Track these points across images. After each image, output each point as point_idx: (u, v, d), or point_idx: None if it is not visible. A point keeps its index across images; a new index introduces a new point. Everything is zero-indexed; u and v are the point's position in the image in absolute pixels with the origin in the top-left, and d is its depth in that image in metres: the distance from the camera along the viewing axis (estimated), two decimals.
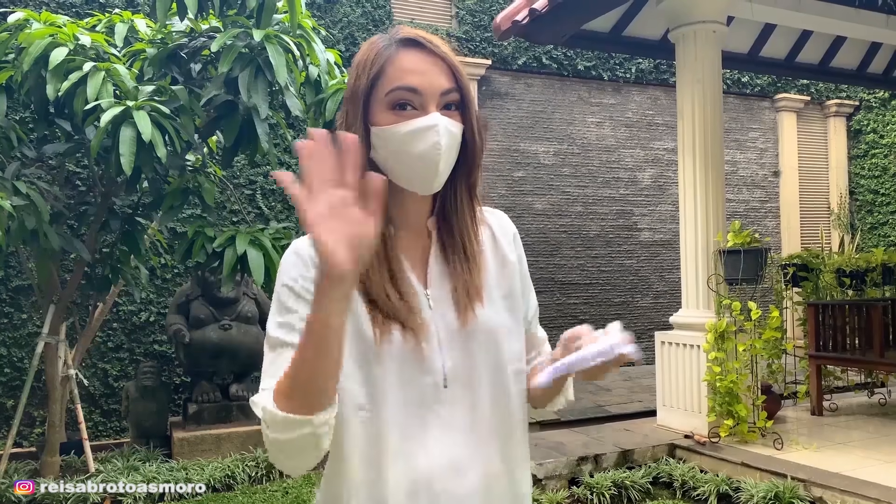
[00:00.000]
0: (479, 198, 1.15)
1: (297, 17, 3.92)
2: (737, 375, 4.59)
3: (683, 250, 5.09)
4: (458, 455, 1.06)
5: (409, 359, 1.05)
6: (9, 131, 4.24)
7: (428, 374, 1.06)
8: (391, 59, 1.04)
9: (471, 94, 1.09)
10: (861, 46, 7.10)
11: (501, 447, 1.10)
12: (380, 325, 1.04)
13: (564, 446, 4.71)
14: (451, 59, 1.06)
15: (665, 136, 8.73)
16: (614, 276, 8.42)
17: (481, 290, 1.11)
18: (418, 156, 1.02)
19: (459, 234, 1.11)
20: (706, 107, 5.00)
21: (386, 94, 1.04)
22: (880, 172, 9.52)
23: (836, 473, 4.00)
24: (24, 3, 5.84)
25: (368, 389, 1.03)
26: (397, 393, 1.04)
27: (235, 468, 4.69)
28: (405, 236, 1.11)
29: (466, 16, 7.75)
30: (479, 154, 1.11)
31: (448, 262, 1.11)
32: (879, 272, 6.21)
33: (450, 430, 1.06)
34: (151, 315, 6.17)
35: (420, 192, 1.07)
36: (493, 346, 1.10)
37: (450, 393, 1.06)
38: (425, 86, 1.03)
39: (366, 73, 1.05)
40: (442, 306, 1.09)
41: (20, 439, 5.49)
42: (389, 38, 1.08)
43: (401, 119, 1.03)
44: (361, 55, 1.08)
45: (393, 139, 1.03)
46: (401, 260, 1.09)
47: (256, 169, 6.57)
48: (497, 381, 1.10)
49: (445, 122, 1.03)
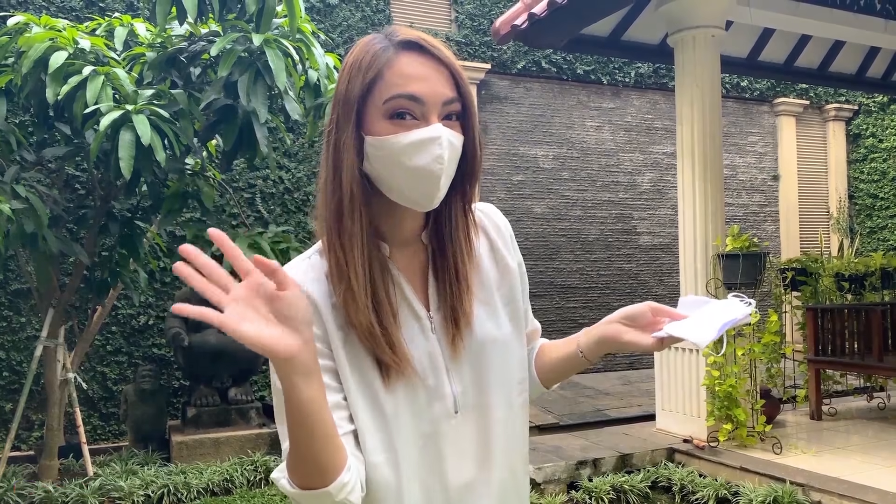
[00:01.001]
0: (474, 213, 1.08)
1: (297, 21, 3.92)
2: (736, 380, 4.59)
3: (682, 254, 5.10)
4: (472, 478, 1.03)
5: (417, 389, 1.00)
6: (8, 135, 4.25)
7: (438, 401, 1.01)
8: (390, 63, 0.95)
9: (474, 103, 1.01)
10: (860, 51, 7.11)
11: (509, 459, 1.08)
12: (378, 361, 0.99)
13: (563, 450, 4.71)
14: (454, 65, 0.98)
15: (664, 140, 8.74)
16: (613, 280, 8.42)
17: (471, 315, 1.04)
18: (418, 169, 0.94)
19: (452, 253, 1.04)
20: (705, 111, 5.01)
21: (384, 102, 0.94)
22: (879, 176, 9.53)
23: (834, 478, 4.00)
24: (25, 6, 5.85)
25: (383, 435, 0.98)
26: (410, 429, 0.99)
27: (234, 472, 4.68)
28: (402, 253, 1.05)
29: (466, 20, 7.77)
30: (479, 168, 1.04)
31: (438, 284, 1.05)
32: (878, 276, 6.21)
33: (463, 454, 1.03)
34: (150, 318, 6.16)
35: (418, 207, 0.99)
36: (499, 361, 1.07)
37: (461, 417, 1.03)
38: (427, 94, 0.94)
39: (360, 76, 0.96)
40: (444, 328, 1.04)
41: (18, 442, 5.48)
42: (387, 38, 0.98)
43: (400, 129, 0.94)
44: (355, 56, 0.98)
45: (391, 151, 0.94)
46: (398, 283, 1.03)
47: (255, 172, 6.57)
48: (502, 395, 1.07)
49: (448, 134, 0.95)
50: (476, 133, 1.01)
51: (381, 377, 0.98)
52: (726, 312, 1.03)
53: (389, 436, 0.98)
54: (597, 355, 1.11)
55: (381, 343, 0.96)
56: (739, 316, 1.01)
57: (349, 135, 0.96)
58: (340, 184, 0.97)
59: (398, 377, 0.98)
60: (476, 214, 1.10)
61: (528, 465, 1.18)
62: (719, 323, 1.00)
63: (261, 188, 6.65)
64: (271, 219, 6.61)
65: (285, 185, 6.73)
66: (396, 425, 0.98)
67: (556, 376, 1.19)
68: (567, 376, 1.19)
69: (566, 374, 1.18)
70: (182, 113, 3.91)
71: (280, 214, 6.69)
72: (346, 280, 0.96)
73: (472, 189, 1.05)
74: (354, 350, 0.98)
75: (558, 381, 1.21)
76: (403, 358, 0.98)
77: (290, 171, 6.77)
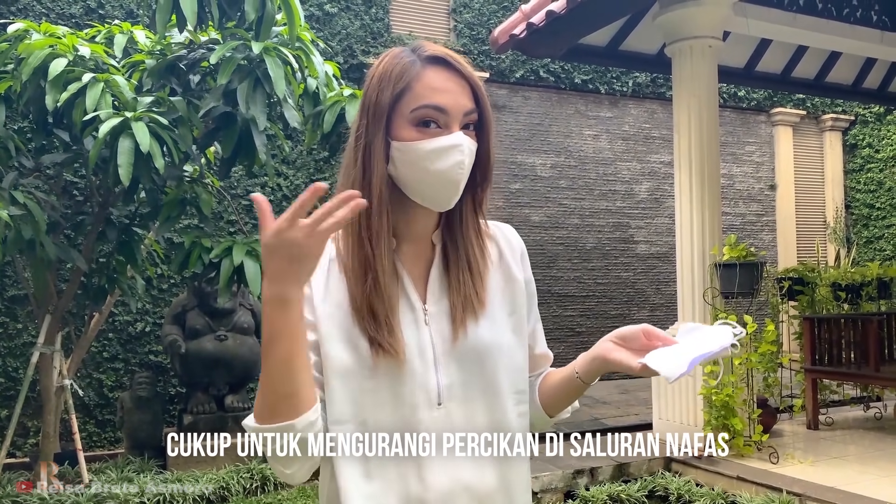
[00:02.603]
0: (484, 213, 1.16)
1: (296, 29, 3.93)
2: (733, 389, 4.59)
3: (680, 263, 5.11)
4: (451, 476, 1.05)
5: (403, 375, 1.05)
6: (7, 141, 4.24)
7: (421, 390, 1.05)
8: (419, 76, 1.05)
9: (490, 115, 1.10)
10: (856, 62, 7.15)
11: (498, 467, 1.08)
12: (370, 339, 1.05)
13: (560, 459, 4.70)
14: (475, 79, 1.08)
15: (661, 149, 8.76)
16: (611, 289, 8.43)
17: (484, 304, 1.11)
18: (440, 173, 1.03)
19: (465, 248, 1.12)
20: (703, 120, 5.03)
21: (412, 111, 1.04)
22: (876, 187, 9.56)
23: (831, 488, 4.00)
24: (25, 13, 5.87)
25: (355, 408, 1.03)
26: (389, 410, 1.04)
27: (230, 479, 4.66)
28: (409, 249, 1.12)
29: (465, 29, 7.80)
30: (491, 173, 1.12)
31: (450, 276, 1.11)
32: (875, 286, 6.23)
33: (443, 448, 1.05)
34: (147, 325, 6.15)
35: (436, 208, 1.08)
36: (491, 365, 1.09)
37: (444, 410, 1.06)
38: (452, 105, 1.04)
39: (391, 86, 1.05)
40: (440, 322, 1.09)
41: (14, 449, 5.46)
42: (414, 53, 1.07)
43: (424, 136, 1.04)
44: (385, 67, 1.07)
45: (416, 155, 1.04)
46: (399, 275, 1.09)
47: (254, 180, 6.58)
48: (494, 401, 1.09)
49: (468, 142, 1.05)
50: (491, 141, 1.10)
51: (371, 355, 1.03)
52: (712, 341, 1.03)
53: (363, 408, 1.03)
54: (592, 375, 1.12)
55: (381, 327, 1.03)
56: (716, 349, 1.01)
57: (379, 140, 1.05)
58: (370, 185, 1.05)
59: (386, 358, 1.03)
60: (491, 228, 1.19)
61: (530, 484, 1.18)
62: (692, 356, 1.00)
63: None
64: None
65: (283, 192, 6.73)
66: (374, 404, 1.03)
67: (556, 402, 1.20)
68: (568, 402, 1.20)
69: (566, 400, 1.19)
70: (181, 120, 3.91)
71: None
72: (374, 272, 1.05)
73: (484, 192, 1.14)
74: (347, 333, 1.05)
75: (560, 409, 1.21)
76: (397, 341, 1.04)
77: (288, 178, 6.78)
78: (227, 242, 4.09)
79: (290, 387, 0.95)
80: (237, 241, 4.10)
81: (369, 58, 7.19)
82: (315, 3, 7.04)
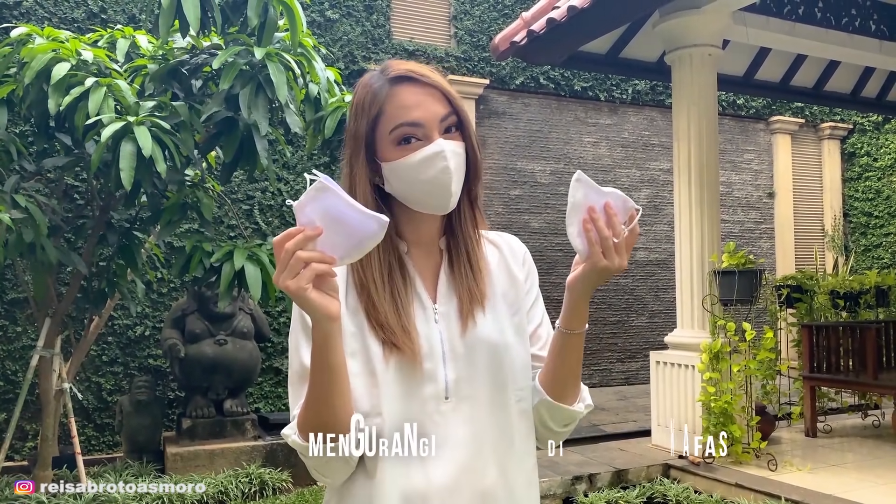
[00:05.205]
0: (481, 209, 1.21)
1: (298, 35, 3.95)
2: (731, 396, 4.60)
3: (678, 270, 5.12)
4: (455, 470, 1.07)
5: (413, 371, 1.09)
6: (9, 144, 4.26)
7: (430, 384, 1.09)
8: (389, 98, 1.10)
9: (466, 114, 1.15)
10: (855, 71, 7.18)
11: (500, 462, 1.11)
12: (383, 340, 1.09)
13: (559, 465, 4.71)
14: (443, 86, 1.12)
15: (661, 156, 8.79)
16: (609, 295, 8.44)
17: (486, 296, 1.15)
18: (429, 181, 1.09)
19: (464, 243, 1.18)
20: (702, 128, 5.05)
21: (390, 132, 1.10)
22: (874, 195, 9.59)
23: (829, 495, 4.00)
24: (27, 18, 5.89)
25: (372, 401, 1.07)
26: (399, 404, 1.07)
27: (229, 484, 4.66)
28: (419, 252, 1.18)
29: (465, 36, 7.83)
30: (480, 167, 1.17)
31: (454, 273, 1.16)
32: (873, 294, 6.24)
33: (448, 442, 1.08)
34: (147, 329, 6.16)
35: (436, 212, 1.14)
36: (495, 360, 1.13)
37: (451, 404, 1.09)
38: (426, 117, 1.09)
39: (365, 114, 1.12)
40: (448, 320, 1.13)
41: (12, 453, 5.45)
42: (381, 76, 1.13)
43: (408, 152, 1.09)
44: (358, 98, 1.14)
45: (405, 171, 1.09)
46: (412, 276, 1.15)
47: (255, 184, 6.59)
48: (496, 396, 1.12)
49: (450, 146, 1.09)
50: (473, 139, 1.15)
51: (384, 353, 1.08)
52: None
53: (377, 401, 1.07)
54: (571, 319, 1.12)
55: (394, 327, 1.08)
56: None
57: (360, 166, 1.13)
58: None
59: (398, 355, 1.08)
60: (494, 237, 1.25)
61: (535, 478, 1.19)
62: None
63: (259, 200, 6.67)
64: (269, 231, 6.63)
65: (284, 197, 6.74)
66: (386, 397, 1.07)
67: (554, 375, 1.16)
68: (565, 368, 1.15)
69: (563, 366, 1.15)
70: (183, 125, 3.92)
71: (278, 226, 6.70)
72: (367, 291, 1.11)
73: (476, 187, 1.19)
74: (361, 326, 1.10)
75: (561, 383, 1.16)
76: (408, 339, 1.09)
77: (289, 183, 6.79)
78: (227, 247, 4.10)
79: (344, 406, 1.03)
80: (238, 246, 4.11)
81: (370, 64, 7.21)
82: (317, 9, 7.07)
